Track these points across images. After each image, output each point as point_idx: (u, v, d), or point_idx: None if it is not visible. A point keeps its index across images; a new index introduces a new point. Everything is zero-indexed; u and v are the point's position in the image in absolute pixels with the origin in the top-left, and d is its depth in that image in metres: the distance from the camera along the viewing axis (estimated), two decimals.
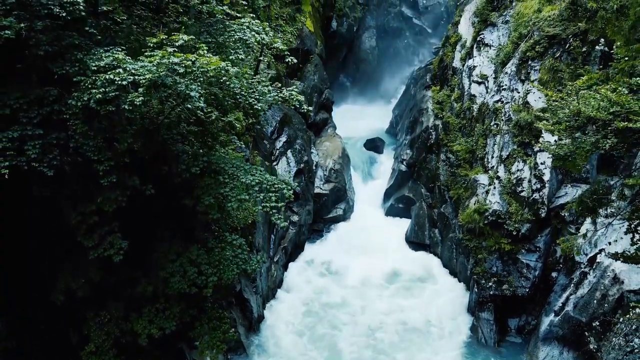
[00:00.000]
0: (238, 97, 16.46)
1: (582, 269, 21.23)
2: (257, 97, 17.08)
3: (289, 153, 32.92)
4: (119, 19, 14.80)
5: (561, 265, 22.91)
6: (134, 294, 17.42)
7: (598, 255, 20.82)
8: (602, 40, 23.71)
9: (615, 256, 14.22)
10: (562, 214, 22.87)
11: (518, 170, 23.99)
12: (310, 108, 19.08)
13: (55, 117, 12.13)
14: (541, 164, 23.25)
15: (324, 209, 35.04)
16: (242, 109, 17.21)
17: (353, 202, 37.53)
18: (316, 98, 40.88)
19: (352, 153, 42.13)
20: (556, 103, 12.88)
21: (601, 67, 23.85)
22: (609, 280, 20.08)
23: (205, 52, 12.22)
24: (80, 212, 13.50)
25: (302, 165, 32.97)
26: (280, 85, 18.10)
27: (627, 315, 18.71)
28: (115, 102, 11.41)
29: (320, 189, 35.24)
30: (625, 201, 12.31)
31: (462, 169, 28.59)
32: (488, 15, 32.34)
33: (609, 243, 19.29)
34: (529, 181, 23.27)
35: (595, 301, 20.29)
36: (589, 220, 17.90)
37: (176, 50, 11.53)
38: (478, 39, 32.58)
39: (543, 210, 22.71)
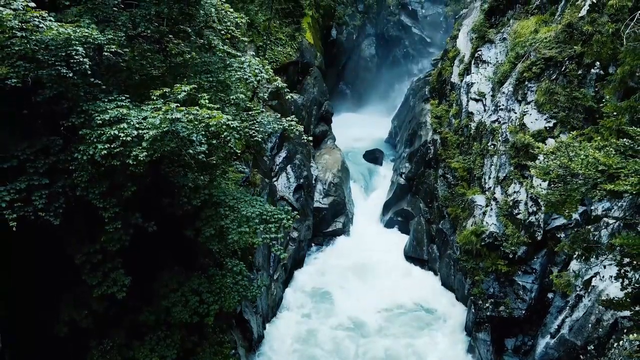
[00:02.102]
0: (238, 129, 16.87)
1: (578, 292, 21.51)
2: (257, 128, 17.44)
3: (288, 168, 33.19)
4: (122, 55, 15.06)
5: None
6: (136, 322, 17.74)
7: (593, 279, 21.12)
8: (598, 63, 23.98)
9: (605, 303, 14.51)
10: (558, 236, 23.13)
11: (515, 192, 24.28)
12: (310, 138, 19.41)
13: (61, 166, 12.44)
14: (538, 186, 23.51)
15: (323, 223, 35.33)
16: (242, 140, 17.47)
17: (352, 215, 37.85)
18: (315, 111, 41.15)
19: (351, 164, 42.49)
20: (547, 157, 13.16)
21: (596, 89, 24.16)
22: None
23: (207, 101, 12.53)
24: (84, 252, 13.81)
25: (301, 180, 33.25)
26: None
27: (621, 342, 19.02)
28: (120, 157, 11.70)
29: (320, 203, 35.51)
30: (615, 249, 12.64)
31: (460, 187, 28.91)
32: (486, 32, 32.61)
33: (604, 266, 19.62)
34: (525, 204, 23.56)
35: (590, 325, 20.58)
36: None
37: (179, 104, 11.83)
38: (476, 55, 32.86)
39: (539, 233, 22.99)
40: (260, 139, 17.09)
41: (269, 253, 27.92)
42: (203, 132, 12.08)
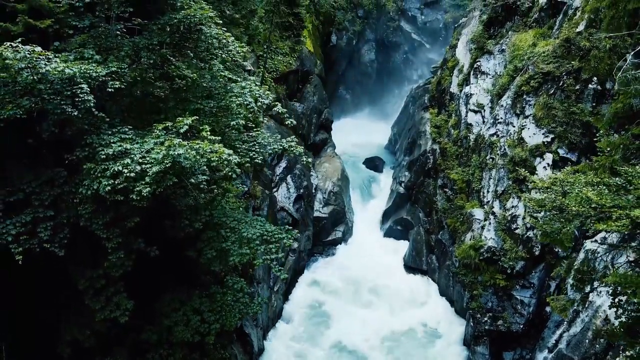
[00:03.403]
0: (239, 151, 17.11)
1: (575, 307, 21.72)
2: (257, 149, 17.64)
3: (288, 178, 33.38)
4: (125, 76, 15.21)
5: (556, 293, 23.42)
6: (139, 340, 17.97)
7: (590, 294, 21.33)
8: (595, 78, 24.18)
9: (599, 333, 14.72)
10: (556, 250, 23.35)
11: (513, 206, 24.50)
12: (310, 160, 19.59)
13: (65, 198, 12.66)
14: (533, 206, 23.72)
15: (323, 232, 35.52)
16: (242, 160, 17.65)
17: (352, 223, 38.03)
18: (315, 119, 41.36)
19: (351, 172, 42.67)
20: (541, 191, 13.37)
21: (594, 104, 24.39)
22: (601, 321, 20.51)
23: (208, 132, 12.74)
24: (88, 277, 14.04)
25: (301, 190, 33.45)
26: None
27: (617, 358, 19.22)
28: (124, 192, 11.91)
29: (320, 212, 35.70)
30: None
31: (459, 199, 29.12)
32: (485, 43, 32.82)
33: (602, 283, 19.83)
34: (523, 218, 23.76)
35: (587, 341, 20.75)
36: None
37: (181, 139, 12.04)
38: (475, 66, 33.06)
39: (537, 248, 23.21)
40: (260, 161, 17.28)
41: (269, 266, 28.13)
42: (205, 167, 12.30)
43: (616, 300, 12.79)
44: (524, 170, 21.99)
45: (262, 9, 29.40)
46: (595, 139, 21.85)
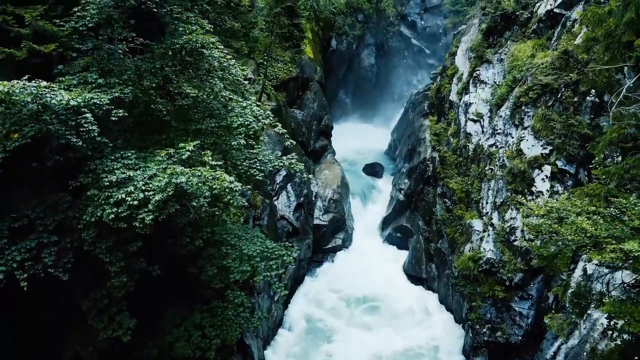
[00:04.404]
0: (240, 168, 17.30)
1: (574, 319, 21.90)
2: (258, 167, 17.81)
3: (288, 187, 33.53)
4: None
5: (554, 312, 23.58)
6: (140, 356, 18.13)
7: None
8: (593, 91, 24.38)
9: (594, 358, 14.89)
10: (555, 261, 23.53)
11: (511, 218, 24.68)
12: (311, 176, 19.76)
13: (69, 222, 12.84)
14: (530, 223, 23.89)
15: (323, 240, 35.68)
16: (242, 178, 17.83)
17: (352, 230, 38.19)
18: (315, 126, 41.55)
19: (351, 178, 42.83)
20: (537, 217, 13.55)
21: (592, 116, 24.58)
22: (598, 334, 20.70)
23: (210, 157, 12.92)
24: (91, 298, 14.23)
25: (301, 199, 33.59)
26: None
27: None
28: (127, 219, 12.09)
29: (320, 219, 35.85)
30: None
31: (458, 208, 29.29)
32: (484, 52, 33.03)
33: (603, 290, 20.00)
34: (522, 230, 23.93)
35: (585, 353, 20.90)
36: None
37: (183, 165, 12.22)
38: (474, 74, 33.26)
39: (535, 260, 23.37)
40: (261, 178, 17.45)
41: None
42: (207, 194, 12.48)
43: (612, 323, 12.98)
44: (521, 197, 22.25)
45: (263, 20, 29.53)
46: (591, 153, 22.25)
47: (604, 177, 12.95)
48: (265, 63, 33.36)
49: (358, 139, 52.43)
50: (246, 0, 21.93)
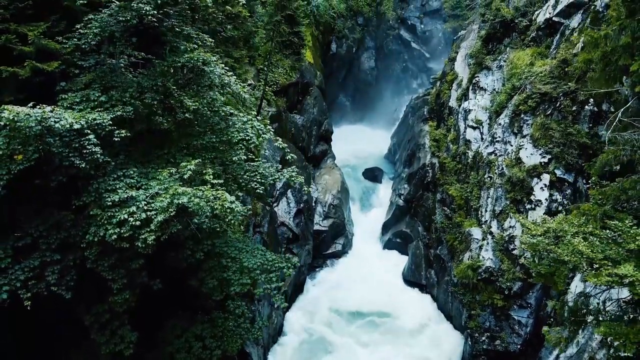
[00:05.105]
0: (240, 181, 17.44)
1: (570, 335, 22.05)
2: (259, 180, 17.93)
3: (289, 193, 33.64)
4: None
5: (552, 320, 23.75)
6: None
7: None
8: (592, 100, 24.48)
9: None
10: None
11: (510, 227, 24.82)
12: (311, 189, 19.87)
13: (72, 240, 12.99)
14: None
15: (323, 245, 35.82)
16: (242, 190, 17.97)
17: (352, 235, 38.31)
18: (315, 131, 41.67)
19: (351, 182, 42.97)
20: (534, 235, 13.69)
21: (591, 125, 24.70)
22: (597, 343, 20.82)
23: (211, 176, 13.06)
24: (93, 313, 14.38)
25: (301, 204, 33.71)
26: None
27: None
28: (129, 239, 12.24)
29: (320, 225, 35.97)
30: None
31: (458, 215, 29.43)
32: (483, 59, 33.12)
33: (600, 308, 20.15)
34: (523, 227, 24.03)
35: None
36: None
37: (184, 184, 12.38)
38: (474, 81, 33.37)
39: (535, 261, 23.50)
40: (262, 191, 17.58)
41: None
42: (208, 215, 12.63)
43: (608, 339, 13.13)
44: (518, 215, 22.44)
45: (263, 29, 29.66)
46: (591, 162, 22.41)
47: (600, 197, 13.12)
48: (265, 69, 33.49)
49: (358, 142, 52.48)
50: (245, 11, 21.98)
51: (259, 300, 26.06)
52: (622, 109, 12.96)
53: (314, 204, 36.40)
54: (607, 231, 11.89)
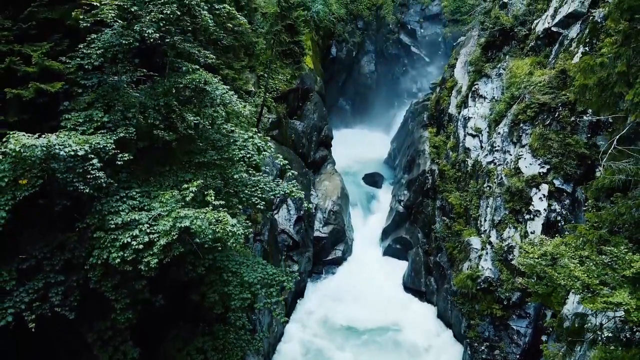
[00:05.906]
0: (241, 195, 17.60)
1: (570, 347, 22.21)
2: (260, 195, 18.09)
3: (289, 201, 33.74)
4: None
5: (551, 330, 23.90)
6: None
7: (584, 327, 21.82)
8: (590, 110, 24.60)
9: None
10: None
11: (509, 236, 24.97)
12: (311, 205, 20.02)
13: (75, 262, 13.16)
14: (531, 232, 24.22)
15: (323, 252, 35.97)
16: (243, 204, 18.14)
17: (352, 241, 38.46)
18: (315, 137, 41.81)
19: (351, 188, 43.07)
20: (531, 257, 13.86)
21: (589, 135, 24.85)
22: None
23: (213, 197, 13.22)
24: (96, 330, 14.55)
25: (302, 212, 33.82)
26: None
27: None
28: (133, 262, 12.41)
29: (320, 232, 36.11)
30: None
31: (457, 224, 29.57)
32: (482, 67, 33.26)
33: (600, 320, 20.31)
34: (520, 249, 24.22)
35: None
36: None
37: (186, 205, 12.55)
38: (473, 88, 33.52)
39: (533, 280, 23.65)
40: (263, 207, 17.74)
41: None
42: (210, 237, 12.78)
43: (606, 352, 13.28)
44: (517, 237, 22.55)
45: (263, 39, 29.81)
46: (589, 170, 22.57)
47: (596, 221, 13.29)
48: (265, 76, 33.63)
49: (358, 145, 52.55)
50: (246, 23, 22.07)
51: (259, 310, 26.23)
52: (617, 136, 13.12)
53: (314, 211, 36.52)
54: (603, 256, 12.05)
